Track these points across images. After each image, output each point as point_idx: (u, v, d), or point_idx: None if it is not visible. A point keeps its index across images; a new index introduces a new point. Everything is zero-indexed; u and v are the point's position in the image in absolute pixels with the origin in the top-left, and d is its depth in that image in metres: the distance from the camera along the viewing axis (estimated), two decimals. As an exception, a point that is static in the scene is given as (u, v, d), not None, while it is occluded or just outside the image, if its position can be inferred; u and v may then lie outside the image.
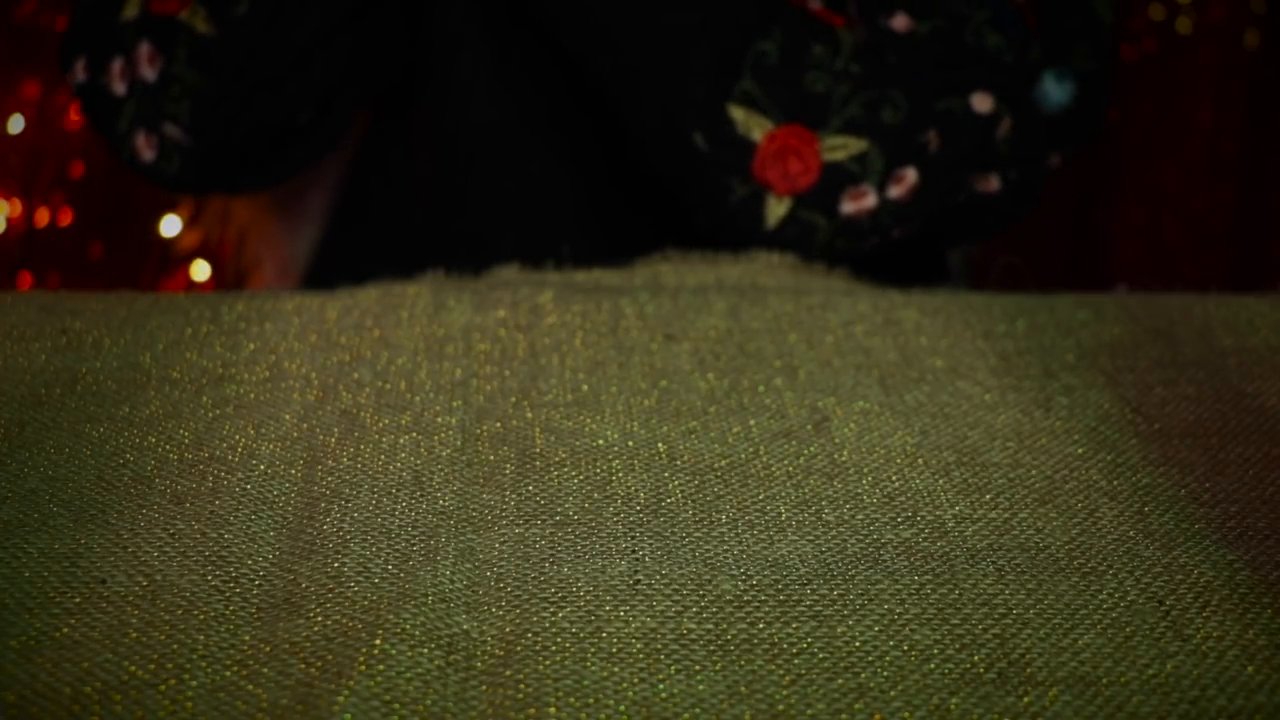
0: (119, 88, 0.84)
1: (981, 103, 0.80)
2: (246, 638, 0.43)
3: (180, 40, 0.81)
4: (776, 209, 0.80)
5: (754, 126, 0.78)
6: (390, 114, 0.93)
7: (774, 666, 0.42)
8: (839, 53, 0.78)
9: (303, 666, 0.42)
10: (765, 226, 0.80)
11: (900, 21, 0.79)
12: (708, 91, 0.79)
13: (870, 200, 0.79)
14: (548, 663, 0.42)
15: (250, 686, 0.41)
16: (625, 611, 0.45)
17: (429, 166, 0.91)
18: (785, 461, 0.55)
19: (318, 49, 0.83)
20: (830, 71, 0.78)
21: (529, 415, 0.58)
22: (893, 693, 0.42)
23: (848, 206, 0.79)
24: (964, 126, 0.80)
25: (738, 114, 0.79)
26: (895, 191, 0.79)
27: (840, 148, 0.79)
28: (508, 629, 0.44)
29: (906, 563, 0.48)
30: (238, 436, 0.56)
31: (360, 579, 0.47)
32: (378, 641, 0.43)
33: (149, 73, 0.82)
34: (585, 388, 0.60)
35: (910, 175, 0.79)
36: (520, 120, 0.89)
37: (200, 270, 1.30)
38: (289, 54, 0.82)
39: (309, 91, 0.84)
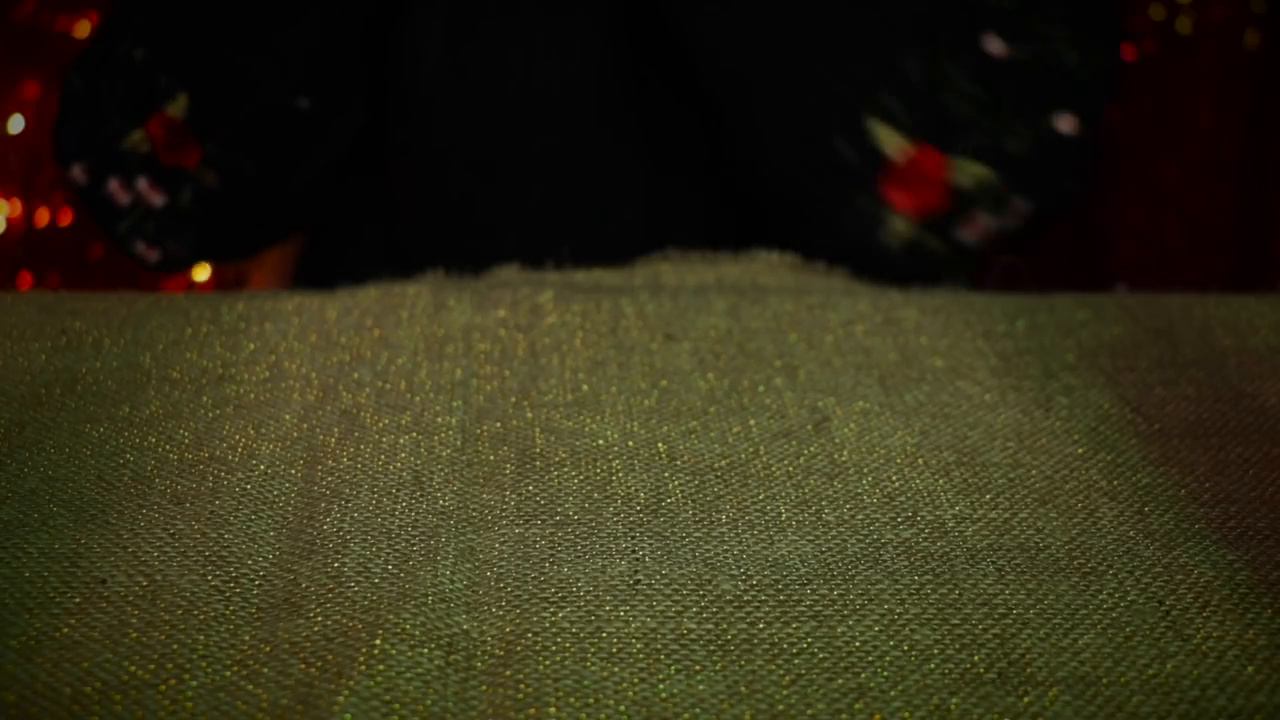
0: (121, 199, 0.86)
1: (1066, 124, 0.80)
2: (246, 638, 0.43)
3: (187, 187, 0.84)
4: (899, 228, 0.79)
5: (890, 142, 0.78)
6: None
7: (774, 666, 0.42)
8: (971, 76, 0.78)
9: (303, 666, 0.42)
10: (884, 245, 0.79)
11: (995, 46, 0.79)
12: (849, 102, 0.79)
13: (983, 226, 0.79)
14: (548, 663, 0.42)
15: (250, 686, 0.41)
16: (625, 611, 0.45)
17: (404, 182, 0.91)
18: (785, 461, 0.55)
19: (314, 188, 0.88)
20: (963, 95, 0.78)
21: (529, 415, 0.58)
22: (893, 693, 0.42)
23: (965, 233, 0.79)
24: (1063, 150, 0.80)
25: (876, 129, 0.78)
26: (1010, 220, 0.79)
27: (968, 174, 0.78)
28: (508, 629, 0.44)
29: (906, 563, 0.48)
30: (238, 436, 0.56)
31: (360, 579, 0.47)
32: (378, 641, 0.43)
33: (154, 199, 0.85)
34: (585, 388, 0.60)
35: (1021, 204, 0.79)
36: (486, 135, 0.89)
37: (200, 270, 1.30)
38: (289, 198, 0.87)
39: (305, 214, 0.90)
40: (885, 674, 0.42)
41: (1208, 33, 1.46)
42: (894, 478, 0.54)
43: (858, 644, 0.44)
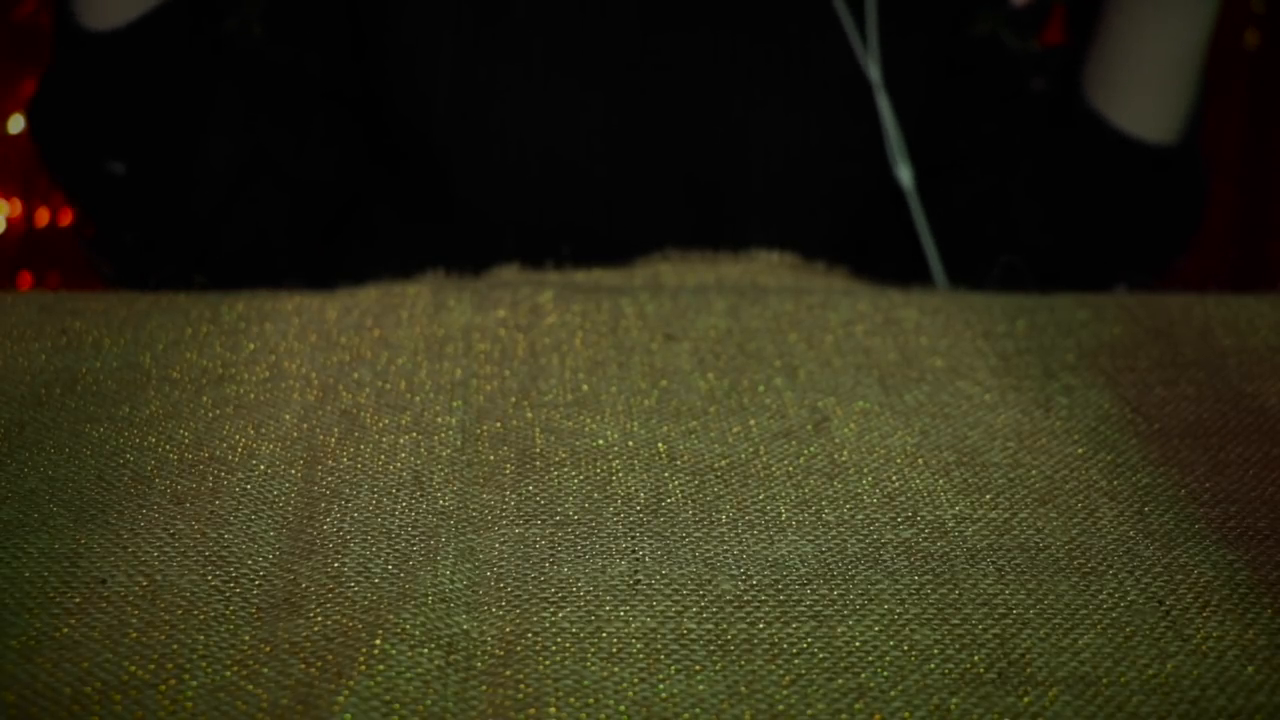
0: (105, 273, 0.89)
1: None
2: (246, 638, 0.43)
3: (115, 256, 0.87)
4: None
5: None
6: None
7: (774, 666, 0.42)
8: None
9: (303, 666, 0.42)
10: None
11: None
12: None
13: None
14: (548, 663, 0.42)
15: (250, 686, 0.41)
16: (625, 611, 0.45)
17: (420, 228, 0.90)
18: (785, 461, 0.55)
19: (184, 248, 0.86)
20: None
21: (529, 415, 0.58)
22: (893, 693, 0.42)
23: None
24: None
25: None
26: None
27: None
28: (508, 629, 0.44)
29: (906, 563, 0.48)
30: (238, 436, 0.56)
31: (360, 579, 0.47)
32: (378, 641, 0.43)
33: (107, 271, 0.88)
34: (585, 388, 0.60)
35: None
36: (507, 196, 0.87)
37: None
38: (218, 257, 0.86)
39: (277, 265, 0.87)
40: (885, 674, 0.42)
41: (1207, 32, 1.46)
42: (894, 478, 0.54)
43: (858, 644, 0.44)
